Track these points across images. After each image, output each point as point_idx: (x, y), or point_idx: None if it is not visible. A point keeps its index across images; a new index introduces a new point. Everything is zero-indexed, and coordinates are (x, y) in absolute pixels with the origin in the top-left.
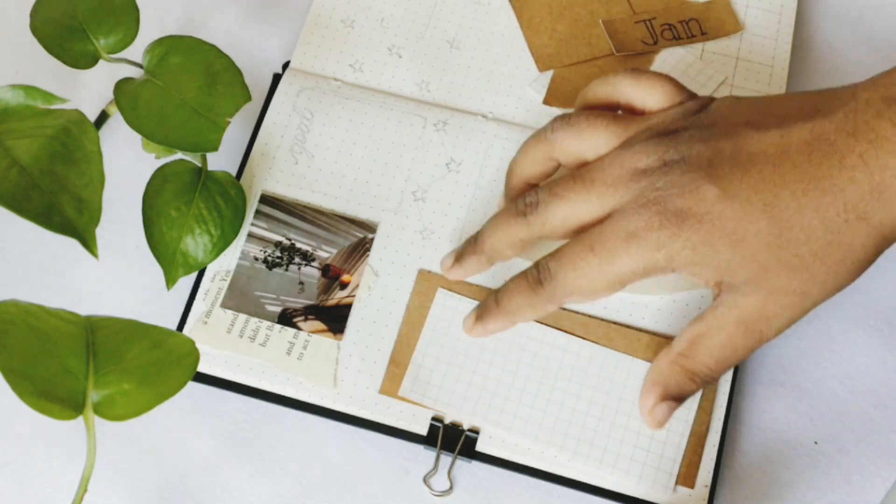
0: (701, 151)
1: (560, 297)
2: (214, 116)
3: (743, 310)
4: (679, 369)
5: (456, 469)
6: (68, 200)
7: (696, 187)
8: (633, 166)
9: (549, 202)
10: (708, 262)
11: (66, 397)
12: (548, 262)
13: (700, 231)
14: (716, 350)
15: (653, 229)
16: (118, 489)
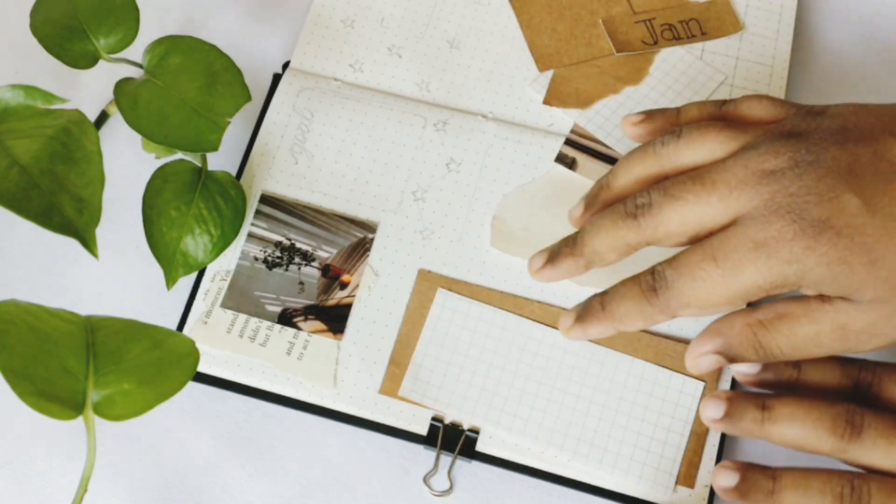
0: (837, 155)
1: (675, 308)
2: (214, 116)
3: (852, 320)
4: (751, 335)
5: (456, 469)
6: (68, 200)
7: (835, 195)
8: (760, 167)
9: (664, 204)
10: (839, 281)
11: (66, 397)
12: (665, 268)
13: (838, 246)
14: (799, 338)
15: (785, 240)
16: (118, 489)
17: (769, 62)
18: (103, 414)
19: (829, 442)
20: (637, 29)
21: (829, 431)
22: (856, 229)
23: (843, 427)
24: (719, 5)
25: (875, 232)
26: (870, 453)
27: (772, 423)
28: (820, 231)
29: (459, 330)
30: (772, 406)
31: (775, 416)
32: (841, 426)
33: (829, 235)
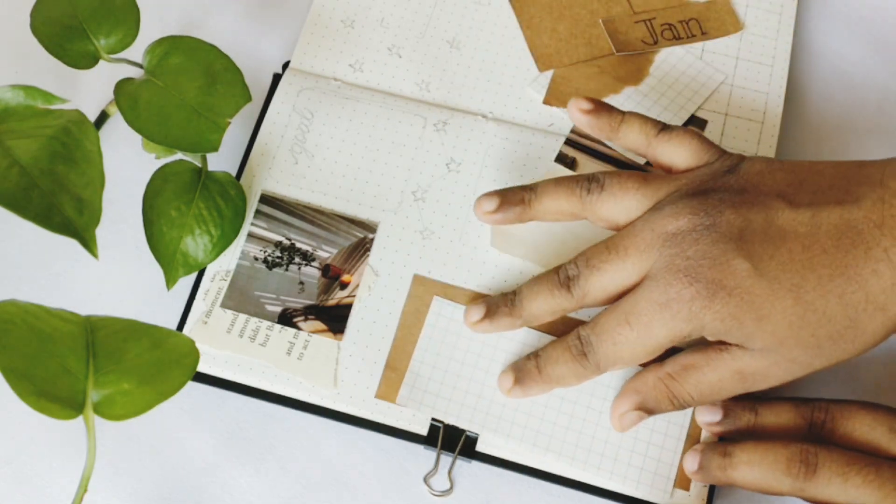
0: (732, 219)
1: (604, 367)
2: (214, 117)
3: (746, 365)
4: (663, 388)
5: (456, 469)
6: (68, 200)
7: (727, 260)
8: (664, 230)
9: (589, 275)
10: (732, 332)
11: (66, 397)
12: (588, 334)
13: (730, 304)
14: (704, 385)
15: (684, 300)
16: (118, 489)
17: (769, 62)
18: (103, 414)
19: (787, 483)
20: (637, 29)
21: (784, 472)
22: (745, 290)
23: (797, 467)
24: (719, 5)
25: (763, 293)
26: (826, 490)
27: (733, 469)
28: (714, 292)
29: (455, 338)
30: (732, 453)
31: (735, 463)
32: (795, 466)
33: (722, 295)
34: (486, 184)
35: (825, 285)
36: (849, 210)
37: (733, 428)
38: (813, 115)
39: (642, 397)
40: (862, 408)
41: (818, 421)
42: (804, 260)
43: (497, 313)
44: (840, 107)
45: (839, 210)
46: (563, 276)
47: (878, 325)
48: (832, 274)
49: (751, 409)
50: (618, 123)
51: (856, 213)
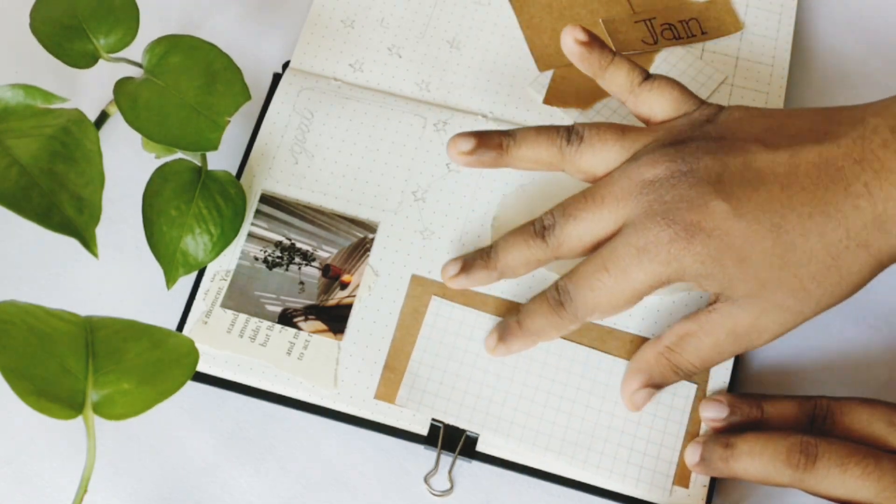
0: (709, 165)
1: (582, 316)
2: (214, 115)
3: (737, 321)
4: (665, 361)
5: (456, 469)
6: (68, 200)
7: (705, 202)
8: (641, 178)
9: (565, 224)
10: (714, 275)
11: (66, 397)
12: (566, 283)
13: (709, 246)
14: (703, 351)
15: (662, 243)
16: (118, 489)
17: (769, 62)
18: (103, 413)
19: (787, 473)
20: (637, 29)
21: (784, 463)
22: (724, 231)
23: (797, 458)
24: (719, 5)
25: (742, 234)
26: (825, 481)
27: (735, 460)
28: (693, 233)
29: (454, 337)
30: (734, 443)
31: (737, 454)
32: (795, 457)
33: (702, 237)
34: (487, 183)
35: (805, 223)
36: (828, 148)
37: (739, 421)
38: None
39: (647, 374)
40: (861, 403)
41: (820, 416)
42: (783, 199)
43: (473, 266)
44: None
45: (818, 148)
46: (539, 226)
47: (861, 263)
48: (812, 212)
49: (757, 406)
50: (607, 63)
51: (835, 150)
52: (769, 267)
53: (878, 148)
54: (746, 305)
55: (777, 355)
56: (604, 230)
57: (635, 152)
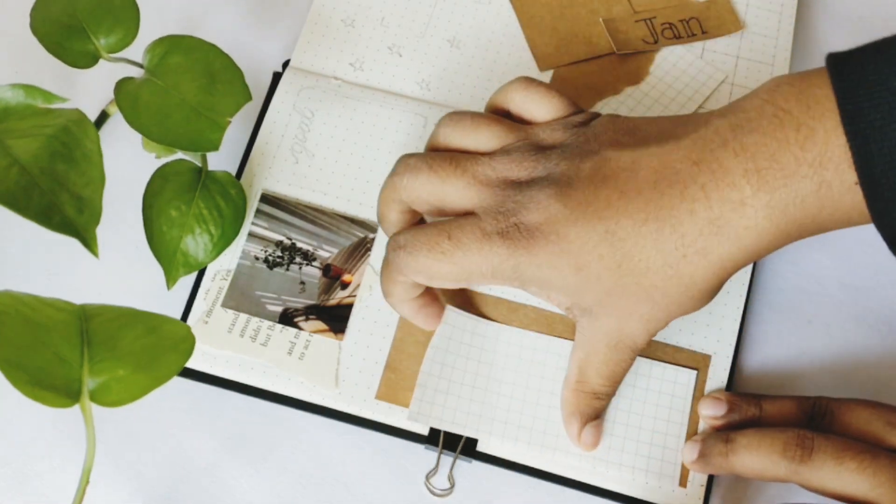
0: (564, 170)
1: (409, 272)
2: (215, 116)
3: (606, 332)
4: (582, 395)
5: (456, 469)
6: (68, 200)
7: (548, 206)
8: (504, 175)
9: (422, 170)
10: (553, 283)
11: (62, 385)
12: (405, 234)
13: (547, 250)
14: (603, 371)
15: (506, 238)
16: (119, 489)
17: (769, 61)
18: (99, 401)
19: (783, 466)
20: (638, 28)
21: (781, 455)
22: (561, 236)
23: (793, 451)
24: (720, 4)
25: (577, 240)
26: (820, 474)
27: (734, 454)
28: (532, 236)
29: (466, 348)
30: (733, 438)
31: (736, 448)
32: (791, 450)
33: (541, 241)
34: None
35: (639, 230)
36: (668, 150)
37: (738, 419)
38: None
39: (578, 414)
40: (861, 403)
41: (818, 414)
42: (619, 206)
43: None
44: None
45: (658, 150)
46: (401, 167)
47: (702, 272)
48: (646, 218)
49: (755, 404)
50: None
51: (675, 152)
52: (609, 274)
53: (717, 148)
54: (602, 315)
55: (777, 355)
56: (453, 201)
57: (506, 145)
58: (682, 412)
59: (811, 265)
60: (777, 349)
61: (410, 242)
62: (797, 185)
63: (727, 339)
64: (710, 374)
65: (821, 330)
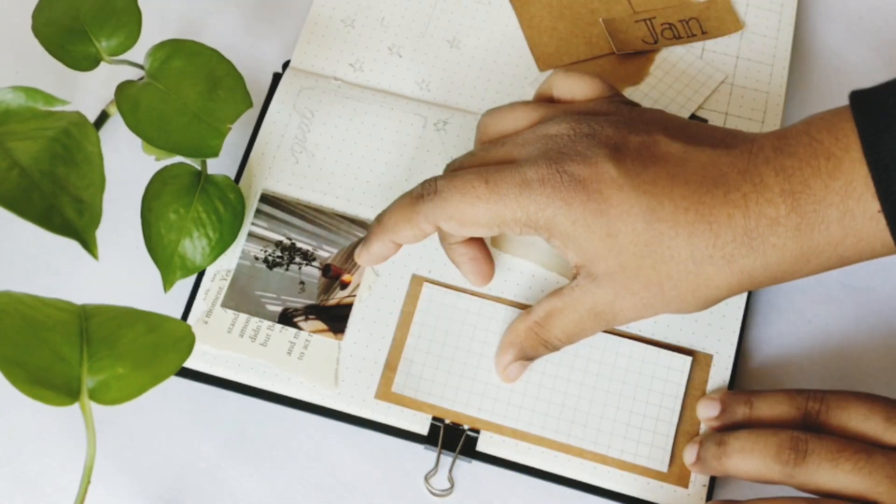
0: (610, 134)
1: (438, 216)
2: (215, 122)
3: (596, 299)
4: (534, 336)
5: (456, 469)
6: (69, 202)
7: (596, 162)
8: (544, 132)
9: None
10: (579, 242)
11: (61, 384)
12: (438, 179)
13: (586, 207)
14: (568, 327)
15: (546, 185)
16: (119, 489)
17: (769, 61)
18: (98, 399)
19: (777, 469)
20: (637, 28)
21: (774, 459)
22: (604, 198)
23: (787, 454)
24: (720, 4)
25: (619, 205)
26: (815, 476)
27: (727, 457)
28: (576, 188)
29: (448, 323)
30: (726, 441)
31: (729, 451)
32: (785, 453)
33: (582, 196)
34: None
35: (678, 217)
36: (718, 153)
37: (731, 421)
38: None
39: (519, 348)
40: (857, 397)
41: (812, 411)
42: (665, 187)
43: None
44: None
45: (710, 151)
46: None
47: (722, 277)
48: (687, 207)
49: (745, 402)
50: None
51: (724, 157)
52: (633, 251)
53: (761, 164)
54: (604, 285)
55: (777, 355)
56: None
57: (544, 116)
58: (675, 398)
59: None
60: (778, 349)
61: (446, 188)
62: (825, 212)
63: (728, 339)
64: (712, 374)
65: (821, 330)
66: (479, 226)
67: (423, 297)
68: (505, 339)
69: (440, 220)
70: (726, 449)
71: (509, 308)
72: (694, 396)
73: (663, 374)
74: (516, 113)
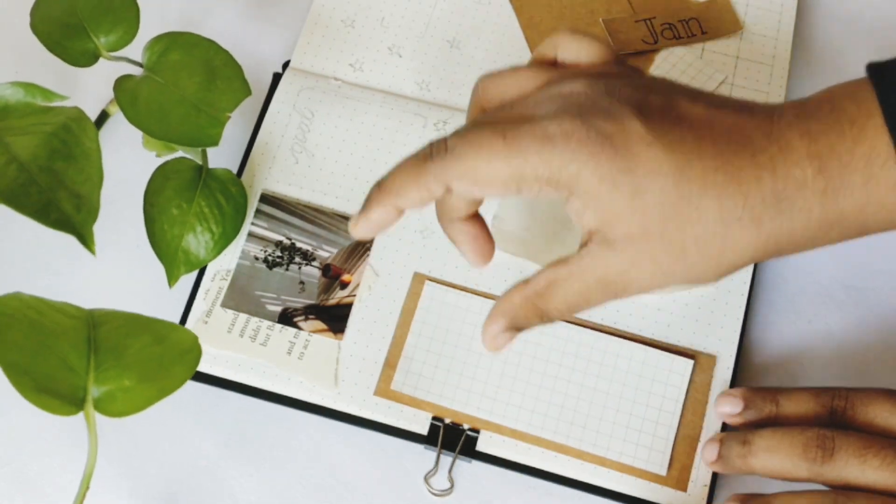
0: (630, 94)
1: (449, 175)
2: (214, 112)
3: (608, 268)
4: (531, 307)
5: (456, 468)
6: (66, 197)
7: (622, 117)
8: (558, 91)
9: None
10: (602, 202)
11: (67, 393)
12: (450, 137)
13: (613, 164)
14: (571, 298)
15: (571, 140)
16: (119, 489)
17: (769, 62)
18: (103, 410)
19: (804, 467)
20: (637, 28)
21: (801, 457)
22: (633, 154)
23: (814, 452)
24: (719, 5)
25: (647, 162)
26: (844, 473)
27: (753, 456)
28: (602, 143)
29: (448, 321)
30: (751, 440)
31: (755, 450)
32: (812, 451)
33: (609, 152)
34: None
35: (708, 176)
36: (742, 117)
37: (755, 418)
38: None
39: (511, 318)
40: (882, 394)
41: (839, 409)
42: (693, 147)
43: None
44: None
45: (733, 115)
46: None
47: (747, 240)
48: (717, 167)
49: (771, 400)
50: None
51: (749, 121)
52: (659, 212)
53: (785, 127)
54: (621, 250)
55: (778, 355)
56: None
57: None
58: (676, 401)
59: (812, 266)
60: (778, 349)
61: (459, 143)
62: (850, 177)
63: (730, 339)
64: (715, 374)
65: (821, 330)
66: (496, 185)
67: (425, 295)
68: (497, 307)
69: (452, 179)
70: (752, 448)
71: None
72: (695, 399)
73: (664, 377)
74: (519, 75)
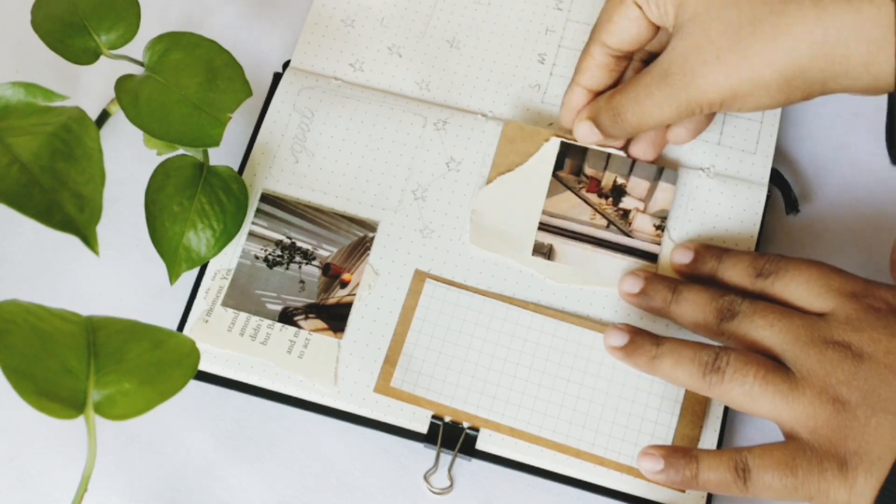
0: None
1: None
2: (215, 112)
3: (671, 53)
4: (606, 103)
5: (456, 467)
6: (69, 198)
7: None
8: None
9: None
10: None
11: (68, 396)
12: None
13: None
14: (638, 89)
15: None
16: (119, 488)
17: None
18: (104, 413)
19: (713, 323)
20: None
21: (714, 315)
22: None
23: (723, 313)
24: None
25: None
26: (737, 330)
27: (676, 303)
28: None
29: (448, 319)
30: (681, 290)
31: (680, 299)
32: (722, 313)
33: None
34: (486, 182)
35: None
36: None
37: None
38: (812, 115)
39: (592, 108)
40: (813, 265)
41: (766, 273)
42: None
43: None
44: (840, 106)
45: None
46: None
47: (802, 27)
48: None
49: (717, 256)
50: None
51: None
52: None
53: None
54: (686, 33)
55: None
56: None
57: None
58: (675, 402)
59: None
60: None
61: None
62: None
63: None
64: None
65: None
66: (666, 115)
67: (426, 292)
68: (580, 112)
69: (636, 129)
70: (678, 297)
71: (510, 306)
72: (694, 399)
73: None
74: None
